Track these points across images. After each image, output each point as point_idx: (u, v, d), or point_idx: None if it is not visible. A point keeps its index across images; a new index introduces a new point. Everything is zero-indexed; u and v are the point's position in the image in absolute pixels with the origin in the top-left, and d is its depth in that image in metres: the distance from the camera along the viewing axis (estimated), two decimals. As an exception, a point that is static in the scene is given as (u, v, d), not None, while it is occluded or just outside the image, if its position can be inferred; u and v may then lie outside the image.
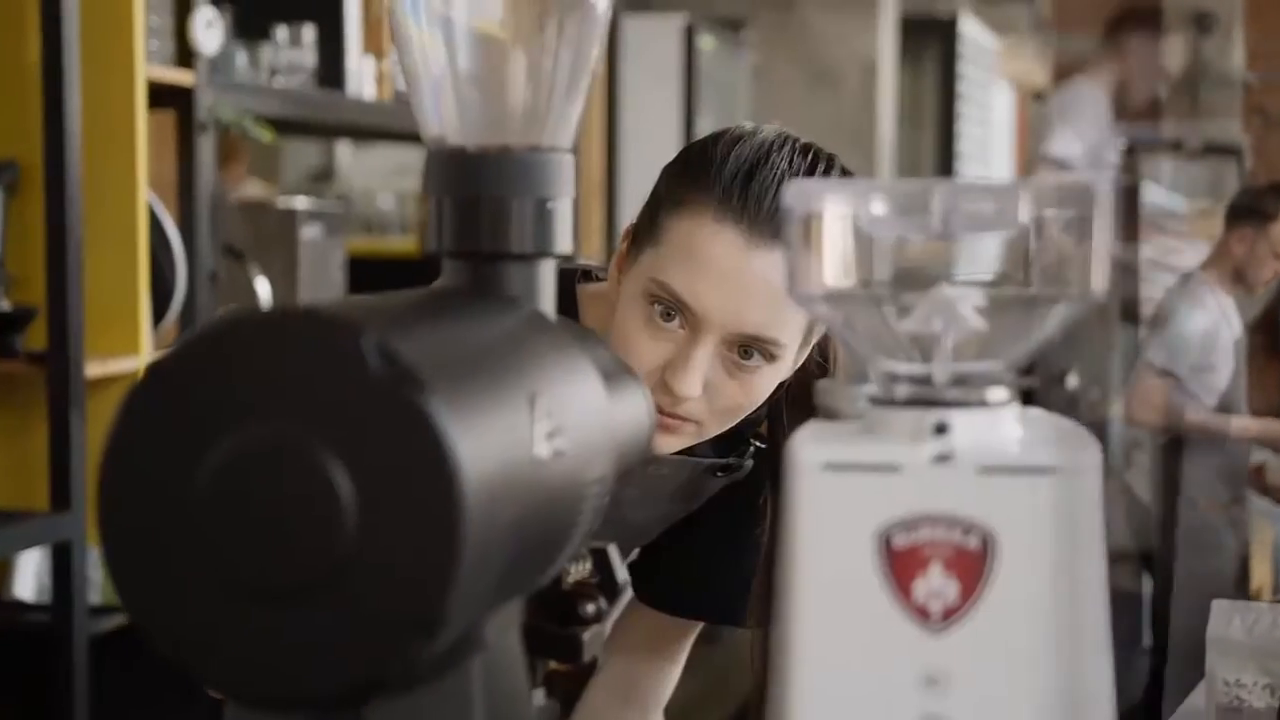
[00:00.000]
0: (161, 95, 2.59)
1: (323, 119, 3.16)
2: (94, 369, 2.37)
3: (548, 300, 0.81)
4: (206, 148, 2.65)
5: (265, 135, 2.76)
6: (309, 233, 3.00)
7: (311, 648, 0.60)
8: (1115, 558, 4.04)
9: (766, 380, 1.26)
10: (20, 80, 2.39)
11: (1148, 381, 4.26)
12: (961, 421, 0.68)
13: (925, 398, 0.69)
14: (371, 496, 0.59)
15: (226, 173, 3.65)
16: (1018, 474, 0.66)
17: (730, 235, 1.21)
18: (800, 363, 1.32)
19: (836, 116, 5.39)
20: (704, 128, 5.70)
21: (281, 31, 2.99)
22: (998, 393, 0.70)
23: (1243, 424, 4.40)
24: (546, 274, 0.81)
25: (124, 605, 0.62)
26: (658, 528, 1.44)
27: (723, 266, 1.21)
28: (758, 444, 1.41)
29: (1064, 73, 9.65)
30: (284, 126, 3.14)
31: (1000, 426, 0.69)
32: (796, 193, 0.70)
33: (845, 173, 1.32)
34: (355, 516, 0.59)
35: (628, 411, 0.83)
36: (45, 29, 2.32)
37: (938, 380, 0.70)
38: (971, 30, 7.40)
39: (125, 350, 2.45)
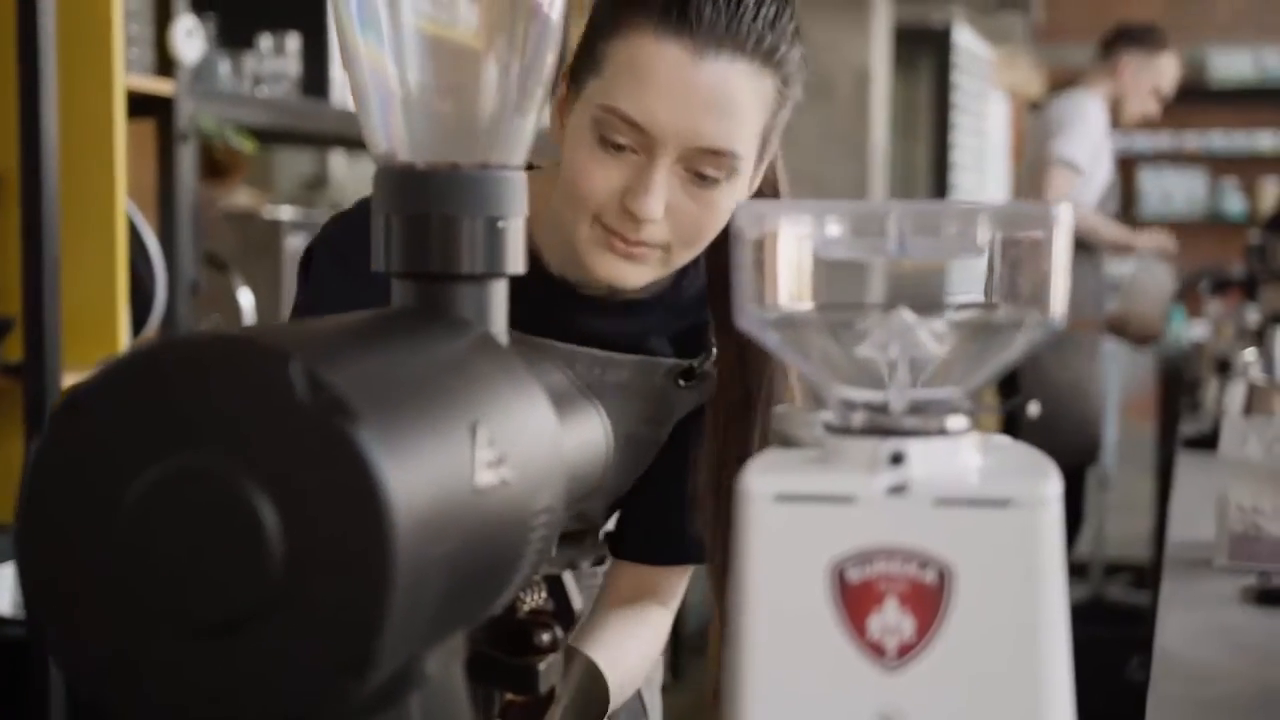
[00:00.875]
0: (142, 104, 2.57)
1: (306, 128, 3.13)
2: (71, 380, 2.34)
3: (499, 321, 0.79)
4: (187, 157, 2.62)
5: (246, 145, 2.74)
6: (295, 243, 2.98)
7: (237, 685, 0.58)
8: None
9: (727, 198, 1.23)
10: (-2, 89, 2.37)
11: (1059, 173, 4.33)
12: (918, 451, 0.66)
13: (882, 426, 0.67)
14: (298, 530, 0.57)
15: (220, 182, 3.62)
16: (975, 506, 0.64)
17: (674, 49, 1.19)
18: (756, 184, 1.30)
19: (830, 125, 5.36)
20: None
21: (265, 40, 2.97)
22: (956, 421, 0.67)
23: (1119, 232, 4.61)
24: (498, 294, 0.79)
25: (46, 638, 0.60)
26: (629, 477, 1.41)
27: (670, 80, 1.19)
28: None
29: (1058, 82, 9.66)
30: (268, 136, 3.11)
31: (959, 456, 0.67)
32: (747, 215, 0.68)
33: None
34: (281, 550, 0.57)
35: (581, 435, 0.80)
36: (22, 37, 2.30)
37: (894, 408, 0.68)
38: (966, 40, 7.38)
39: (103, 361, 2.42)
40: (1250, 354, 3.00)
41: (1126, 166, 9.95)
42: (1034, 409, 4.09)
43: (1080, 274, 4.42)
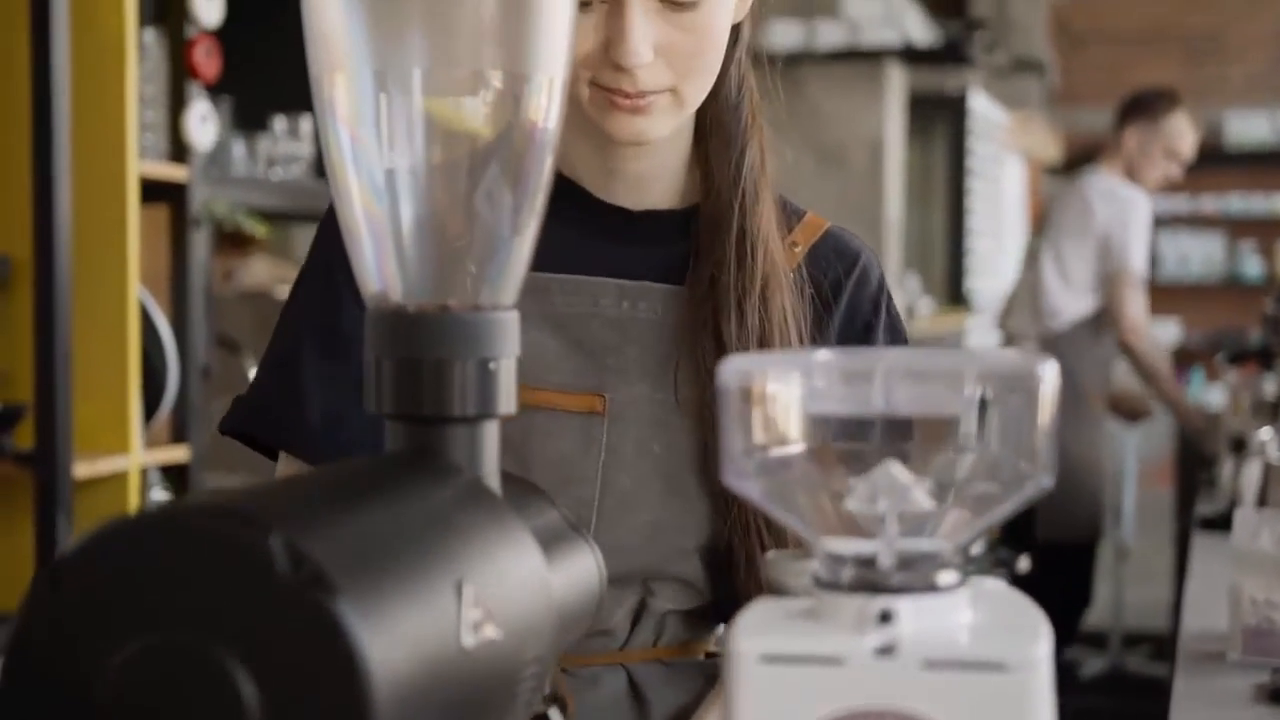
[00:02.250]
0: (156, 190, 2.58)
1: (320, 209, 3.14)
2: (83, 469, 2.35)
3: (490, 462, 0.78)
4: (200, 243, 2.63)
5: (259, 230, 2.75)
6: (307, 322, 2.98)
7: None
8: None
9: (715, 16, 1.15)
10: (12, 175, 2.38)
11: (1137, 291, 4.32)
12: (908, 608, 0.65)
13: (870, 582, 0.67)
14: (278, 705, 0.56)
15: (238, 253, 3.64)
16: (966, 669, 0.63)
17: None
18: None
19: (844, 195, 5.38)
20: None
21: (280, 122, 2.99)
22: (947, 576, 0.67)
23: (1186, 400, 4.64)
24: (490, 436, 0.78)
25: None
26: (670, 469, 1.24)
27: None
28: None
29: (1075, 146, 9.68)
30: (282, 216, 3.13)
31: (949, 613, 0.66)
32: (733, 370, 0.67)
33: None
34: (262, 725, 0.56)
35: (571, 576, 0.80)
36: (37, 124, 2.32)
37: (883, 564, 0.67)
38: (981, 105, 7.40)
39: (115, 449, 2.43)
40: (1266, 433, 2.98)
41: (1144, 230, 9.95)
42: (1024, 564, 4.09)
43: (1092, 347, 4.41)
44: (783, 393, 0.68)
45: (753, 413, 0.68)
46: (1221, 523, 2.78)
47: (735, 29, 1.23)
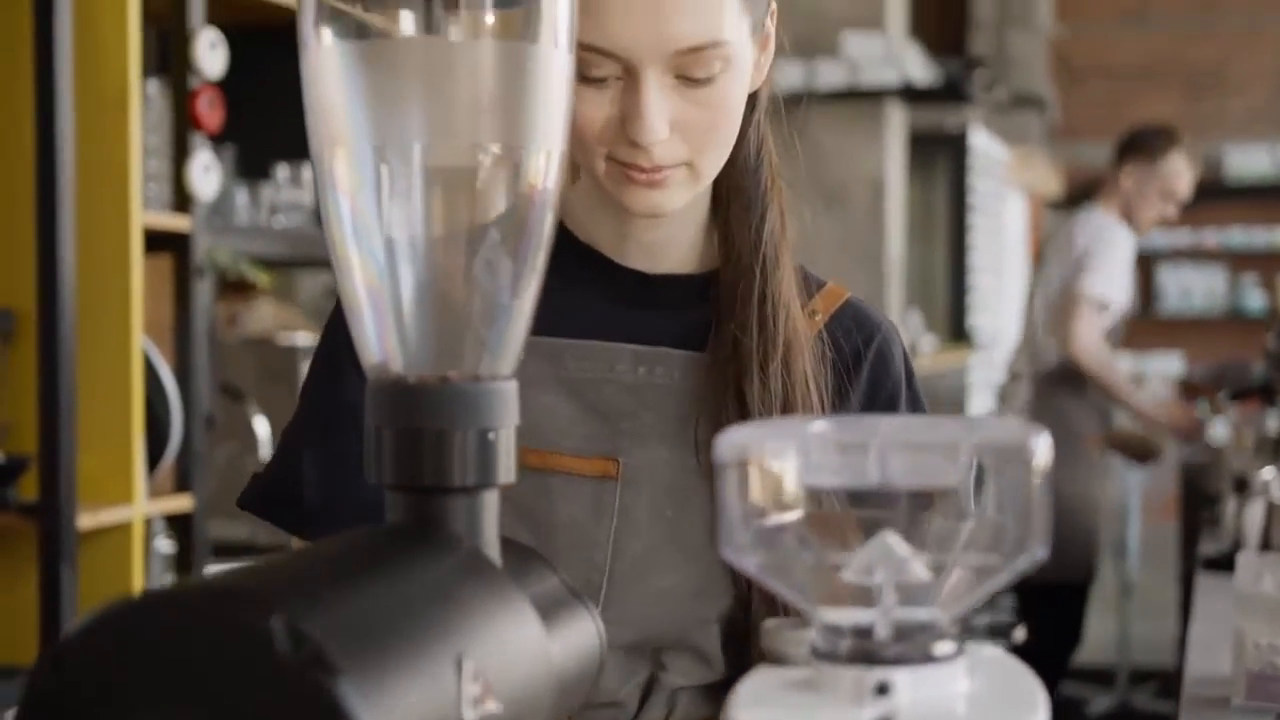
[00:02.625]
0: (159, 239, 2.60)
1: (323, 256, 3.16)
2: (86, 520, 2.35)
3: (490, 531, 0.79)
4: (203, 292, 2.65)
5: (261, 279, 2.76)
6: (310, 368, 2.99)
7: None
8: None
9: (731, 89, 1.14)
10: (16, 228, 2.39)
11: (1089, 312, 4.31)
12: (905, 680, 0.65)
13: (867, 653, 0.67)
14: (280, 785, 0.57)
15: (243, 298, 3.65)
16: (962, 741, 0.64)
17: None
18: (770, 51, 1.22)
19: (845, 235, 5.39)
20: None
21: (282, 170, 3.01)
22: (944, 646, 0.67)
23: (1149, 403, 4.62)
24: (489, 505, 0.79)
25: None
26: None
27: None
28: None
29: (1076, 181, 9.71)
30: (285, 262, 3.15)
31: (946, 684, 0.66)
32: (727, 445, 0.68)
33: None
34: (263, 806, 0.57)
35: (571, 643, 0.80)
36: (40, 176, 2.33)
37: (879, 635, 0.67)
38: (981, 142, 7.42)
39: (119, 499, 2.43)
40: (1269, 472, 2.98)
41: (1145, 264, 9.99)
42: (1020, 633, 4.08)
43: (1082, 387, 4.41)
44: (779, 465, 0.68)
45: (749, 485, 0.68)
46: (1225, 563, 2.77)
47: (753, 95, 1.23)
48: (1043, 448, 0.66)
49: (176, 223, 2.62)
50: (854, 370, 1.27)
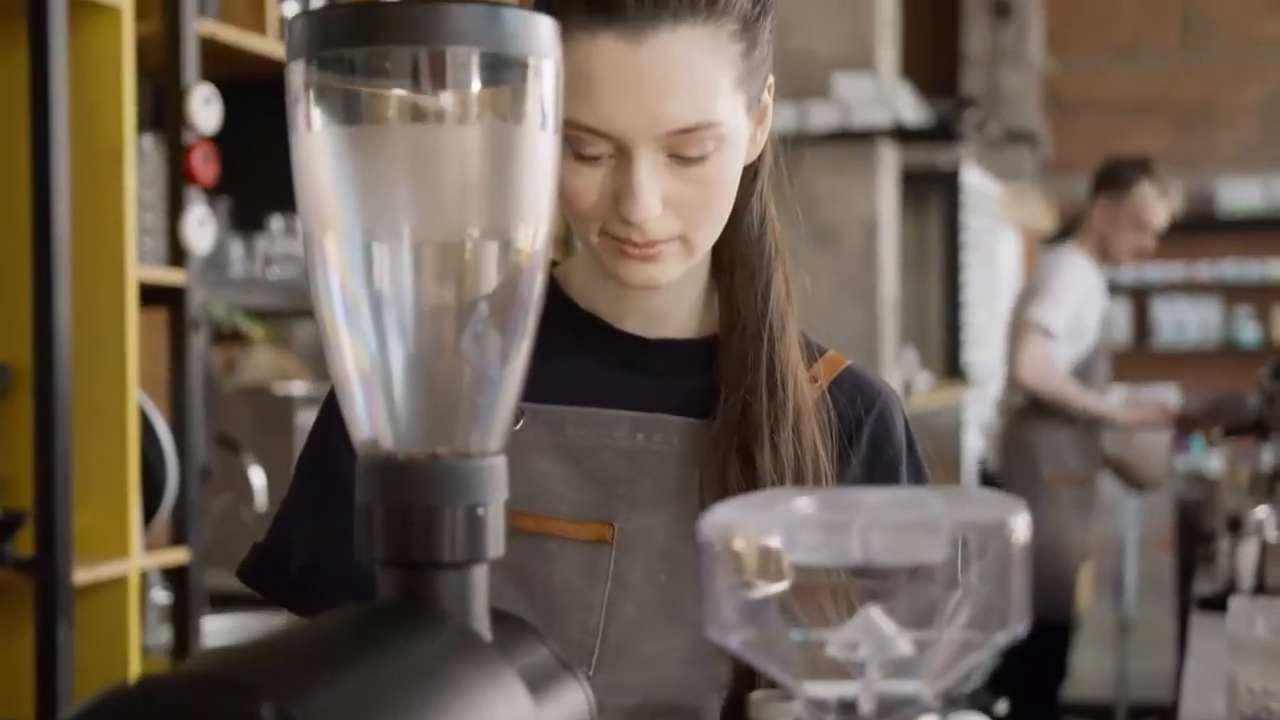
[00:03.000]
0: (154, 293, 2.61)
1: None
2: (83, 574, 2.36)
3: (480, 606, 0.80)
4: (198, 345, 2.66)
5: (256, 332, 2.78)
6: (307, 418, 3.01)
7: None
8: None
9: (725, 167, 1.15)
10: (12, 284, 2.41)
11: (1032, 338, 4.32)
12: (889, 754, 0.67)
13: (852, 729, 0.68)
14: None
15: (240, 345, 3.66)
16: (944, 817, 0.65)
17: (609, 41, 1.10)
18: (766, 125, 1.22)
19: (839, 274, 5.41)
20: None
21: (276, 221, 3.03)
22: (927, 719, 0.68)
23: (1107, 404, 4.59)
24: (479, 580, 0.80)
25: None
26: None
27: (614, 75, 1.10)
28: None
29: (1068, 215, 9.75)
30: (280, 313, 3.16)
31: (930, 758, 0.67)
32: (712, 524, 0.69)
33: None
34: None
35: (560, 715, 0.81)
36: (37, 232, 2.35)
37: (864, 709, 0.69)
38: (974, 179, 7.46)
39: (115, 553, 2.44)
40: (1262, 511, 2.99)
41: (1140, 297, 10.03)
42: (1002, 707, 4.07)
43: (1042, 423, 4.40)
44: (763, 544, 0.69)
45: (734, 564, 0.70)
46: (1220, 602, 2.78)
47: (753, 165, 1.24)
48: (1021, 525, 0.68)
49: (172, 277, 2.63)
50: (855, 437, 1.27)
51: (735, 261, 1.26)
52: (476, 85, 0.78)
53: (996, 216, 8.17)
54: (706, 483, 1.21)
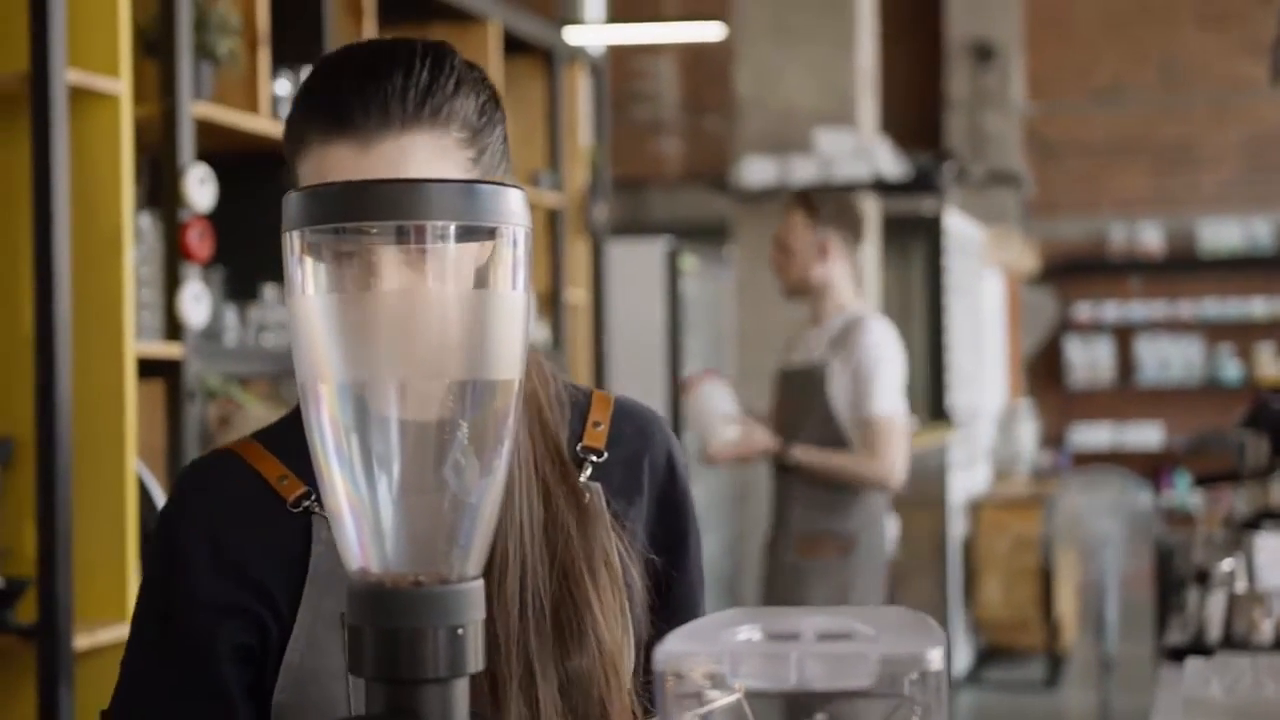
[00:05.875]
0: (151, 366, 2.70)
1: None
2: (83, 640, 2.44)
3: (460, 717, 0.89)
4: (194, 415, 2.74)
5: (250, 402, 2.86)
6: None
7: None
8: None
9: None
10: (15, 359, 2.49)
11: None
12: None
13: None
14: None
15: (235, 403, 3.73)
16: None
17: (342, 149, 1.19)
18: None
19: (822, 323, 5.49)
20: (689, 343, 5.83)
21: (270, 290, 3.12)
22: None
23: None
24: (460, 693, 0.89)
25: None
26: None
27: (343, 177, 1.18)
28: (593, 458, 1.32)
29: (1051, 256, 9.85)
30: (274, 377, 3.25)
31: None
32: (667, 656, 0.78)
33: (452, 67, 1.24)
34: None
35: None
36: (39, 308, 2.43)
37: (801, 819, 0.77)
38: (956, 224, 7.55)
39: (114, 618, 2.52)
40: (1229, 564, 3.07)
41: (1123, 335, 10.14)
42: None
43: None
44: (709, 672, 0.78)
45: (684, 689, 0.78)
46: (1187, 653, 2.85)
47: None
48: (937, 655, 0.76)
49: (168, 350, 2.72)
50: (639, 466, 1.34)
51: None
52: (454, 253, 0.87)
53: (980, 259, 8.27)
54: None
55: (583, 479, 1.29)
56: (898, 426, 3.77)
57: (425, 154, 1.21)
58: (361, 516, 0.89)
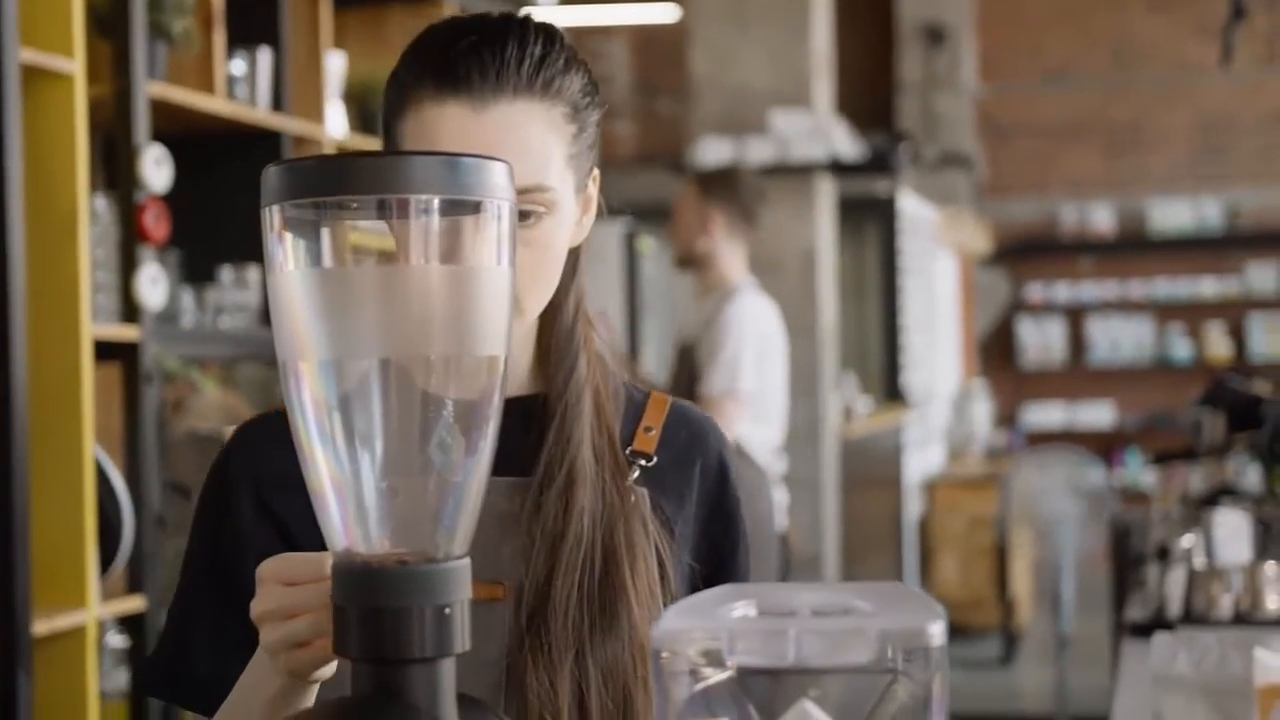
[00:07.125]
0: (108, 349, 2.66)
1: (268, 355, 3.23)
2: (41, 626, 2.41)
3: (447, 697, 0.87)
4: (151, 398, 2.71)
5: (208, 385, 2.83)
6: (257, 462, 3.05)
7: None
8: None
9: (553, 233, 1.23)
10: (-31, 343, 2.45)
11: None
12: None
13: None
14: None
15: (190, 387, 3.70)
16: None
17: (454, 108, 1.20)
18: (592, 211, 1.29)
19: (780, 305, 5.49)
20: (648, 328, 5.82)
21: (227, 273, 3.08)
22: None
23: None
24: (447, 673, 0.88)
25: None
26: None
27: (456, 135, 1.20)
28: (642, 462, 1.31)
29: (1004, 237, 9.89)
30: (231, 360, 3.22)
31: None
32: (663, 634, 0.77)
33: (554, 39, 1.28)
34: None
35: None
36: (-7, 292, 2.40)
37: (798, 796, 0.76)
38: (910, 205, 7.58)
39: (72, 604, 2.49)
40: (1188, 540, 3.08)
41: (1075, 316, 10.20)
42: None
43: None
44: (707, 649, 0.77)
45: (679, 666, 0.77)
46: (1150, 629, 2.86)
47: (575, 252, 1.31)
48: (939, 630, 0.75)
49: (125, 333, 2.68)
50: (689, 473, 1.33)
51: (550, 349, 1.31)
52: (437, 227, 0.85)
53: (933, 240, 8.30)
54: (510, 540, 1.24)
55: (630, 482, 1.28)
56: (727, 408, 3.74)
57: (534, 123, 1.22)
58: (345, 496, 0.88)
